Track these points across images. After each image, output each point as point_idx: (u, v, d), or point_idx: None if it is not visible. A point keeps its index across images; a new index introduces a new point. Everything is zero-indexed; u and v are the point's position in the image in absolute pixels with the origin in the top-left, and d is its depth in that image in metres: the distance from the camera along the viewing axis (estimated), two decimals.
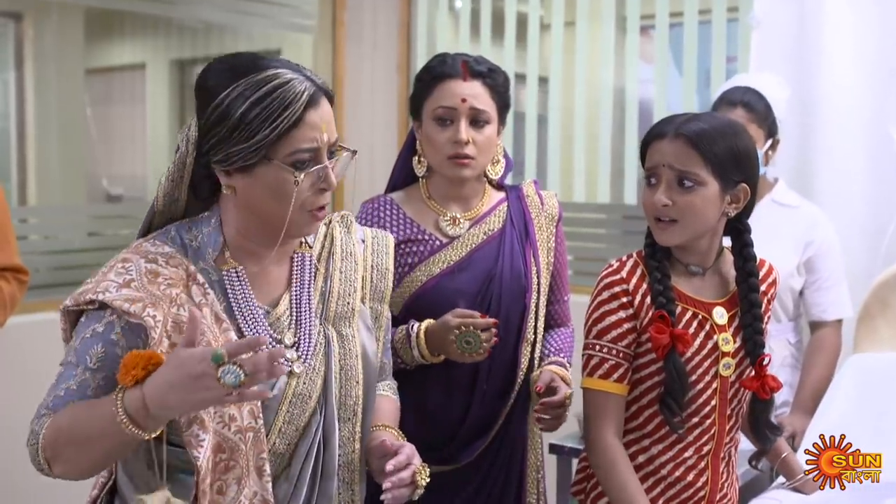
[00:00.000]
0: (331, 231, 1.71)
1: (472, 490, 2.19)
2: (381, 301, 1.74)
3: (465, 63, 2.09)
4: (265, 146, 1.50)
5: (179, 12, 4.28)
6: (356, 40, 4.42)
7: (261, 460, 1.53)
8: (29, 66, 4.33)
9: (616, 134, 3.89)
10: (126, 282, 1.51)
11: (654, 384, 1.82)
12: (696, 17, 3.60)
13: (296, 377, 1.58)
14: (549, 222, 2.22)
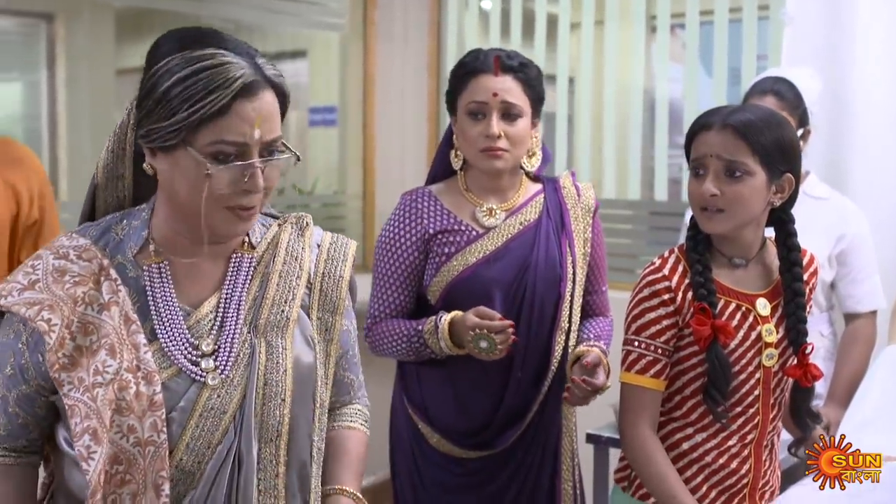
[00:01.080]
0: (280, 232, 1.61)
1: (506, 476, 2.27)
2: (333, 312, 1.60)
3: (498, 58, 2.16)
4: (184, 129, 1.40)
5: (208, 10, 4.38)
6: (387, 39, 4.51)
7: (160, 478, 1.42)
8: (60, 66, 4.43)
9: (646, 132, 3.95)
10: (31, 283, 1.46)
11: (697, 375, 1.89)
12: (727, 16, 3.65)
13: (208, 389, 1.46)
14: (586, 213, 2.30)
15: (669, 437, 1.93)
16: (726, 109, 1.87)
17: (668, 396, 1.93)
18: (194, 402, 1.45)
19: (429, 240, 2.24)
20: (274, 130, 1.44)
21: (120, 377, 1.42)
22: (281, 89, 1.46)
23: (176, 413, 1.44)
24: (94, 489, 1.40)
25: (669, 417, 1.94)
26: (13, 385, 1.47)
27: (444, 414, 2.27)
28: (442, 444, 2.27)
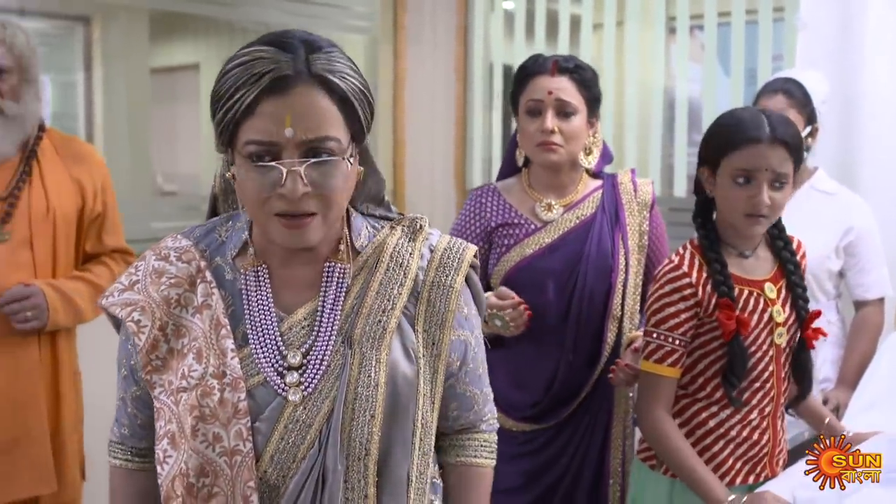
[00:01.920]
0: (386, 237, 1.51)
1: (554, 451, 2.47)
2: (441, 325, 1.49)
3: (556, 61, 2.36)
4: (225, 131, 1.36)
5: (238, 14, 4.56)
6: (416, 43, 4.67)
7: (248, 489, 1.38)
8: (97, 67, 4.58)
9: (666, 131, 4.11)
10: (131, 283, 1.47)
11: (718, 358, 2.08)
12: (744, 18, 3.79)
13: (293, 404, 1.40)
14: (642, 208, 2.48)
15: (696, 417, 2.12)
16: (768, 121, 2.01)
17: (691, 379, 2.12)
18: (279, 412, 1.40)
19: (491, 232, 2.46)
20: (315, 129, 1.34)
21: (205, 383, 1.40)
22: (335, 88, 1.35)
23: (261, 423, 1.39)
24: (167, 495, 1.40)
25: (695, 398, 2.12)
26: (128, 386, 1.50)
27: (504, 390, 2.43)
28: (500, 419, 2.42)
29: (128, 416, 1.52)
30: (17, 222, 2.51)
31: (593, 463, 2.49)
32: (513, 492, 2.48)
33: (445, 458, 1.62)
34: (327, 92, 1.35)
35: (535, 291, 2.38)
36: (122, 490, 1.56)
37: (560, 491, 2.49)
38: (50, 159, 2.61)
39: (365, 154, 1.49)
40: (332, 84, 1.35)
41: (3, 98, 2.49)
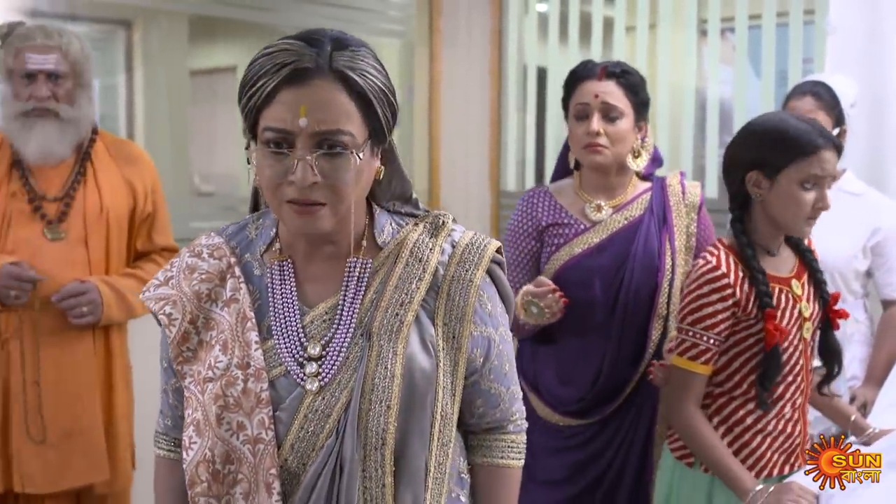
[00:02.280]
0: (408, 233, 1.55)
1: (599, 445, 2.56)
2: (461, 319, 1.51)
3: (604, 67, 2.46)
4: (248, 116, 1.42)
5: (274, 18, 4.65)
6: (451, 46, 4.76)
7: (270, 476, 1.43)
8: (137, 69, 4.71)
9: (697, 133, 4.16)
10: (166, 279, 1.54)
11: (754, 354, 2.16)
12: (774, 20, 3.85)
13: (311, 394, 1.45)
14: (690, 210, 2.57)
15: (734, 414, 2.19)
16: (816, 127, 2.14)
17: (727, 377, 2.19)
18: (299, 402, 1.45)
19: (542, 231, 2.56)
20: (329, 122, 1.38)
21: (229, 373, 1.46)
22: (353, 84, 1.40)
23: (282, 412, 1.45)
24: (191, 480, 1.47)
25: (731, 396, 2.20)
26: (168, 378, 1.57)
27: (551, 385, 2.58)
28: (547, 413, 2.57)
29: (169, 408, 1.60)
30: (72, 222, 2.66)
31: (637, 458, 2.56)
32: (557, 483, 2.58)
33: (473, 458, 1.64)
34: (346, 88, 1.39)
35: (583, 289, 2.48)
36: (164, 479, 1.63)
37: (604, 485, 2.57)
38: (103, 161, 2.75)
39: (390, 154, 1.53)
40: (352, 81, 1.39)
41: (59, 102, 2.64)
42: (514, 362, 1.63)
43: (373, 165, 1.47)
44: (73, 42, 2.67)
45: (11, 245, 2.62)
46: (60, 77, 2.64)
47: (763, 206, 2.17)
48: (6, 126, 2.67)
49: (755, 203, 2.18)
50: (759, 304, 2.13)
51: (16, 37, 2.64)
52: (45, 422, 2.62)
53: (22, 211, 2.64)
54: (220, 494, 1.47)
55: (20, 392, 2.61)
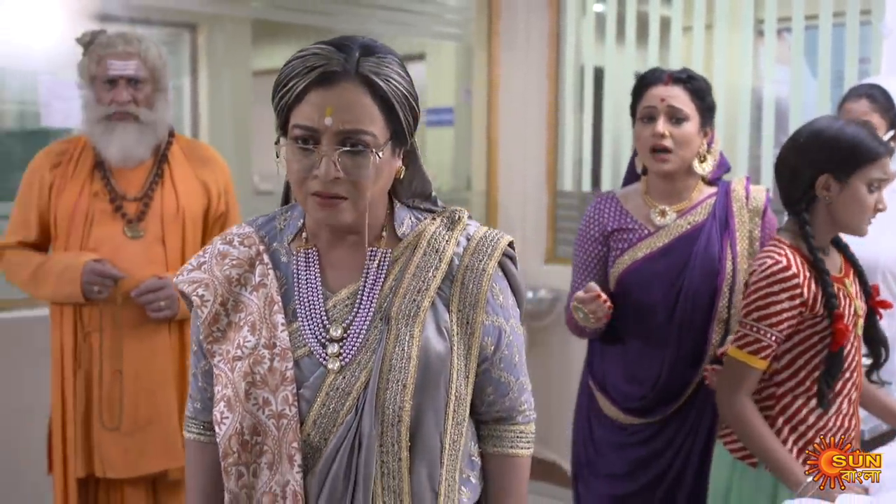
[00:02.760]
0: (426, 226, 1.65)
1: (660, 444, 2.65)
2: (475, 306, 1.61)
3: (670, 73, 2.55)
4: (280, 114, 1.54)
5: (333, 22, 4.79)
6: (509, 49, 4.87)
7: (292, 449, 1.54)
8: (202, 71, 4.91)
9: (753, 133, 4.22)
10: (199, 264, 1.65)
11: (817, 352, 2.24)
12: (831, 20, 3.91)
13: (333, 373, 1.55)
14: (754, 215, 2.62)
15: (798, 413, 2.26)
16: (870, 132, 2.26)
17: (790, 375, 2.27)
18: (321, 381, 1.55)
19: (608, 235, 2.65)
20: (352, 122, 1.48)
21: (257, 352, 1.57)
22: (377, 88, 1.50)
23: (305, 390, 1.55)
24: (224, 452, 1.58)
25: (795, 394, 2.27)
26: (197, 361, 1.68)
27: (617, 384, 2.68)
28: (612, 411, 2.69)
29: (199, 391, 1.70)
30: (150, 221, 2.81)
31: (697, 459, 2.62)
32: (618, 478, 2.69)
33: (484, 448, 1.73)
34: (370, 91, 1.50)
35: (645, 292, 2.57)
36: (195, 462, 1.73)
37: (664, 483, 2.64)
38: (179, 163, 2.89)
39: (412, 155, 1.65)
40: (376, 85, 1.50)
41: (139, 106, 2.78)
42: (523, 354, 1.72)
43: (393, 165, 1.58)
44: (151, 48, 2.81)
45: (94, 243, 2.77)
46: (140, 82, 2.78)
47: (829, 207, 2.25)
48: (89, 129, 2.80)
49: (818, 204, 2.26)
50: (826, 304, 2.21)
51: (98, 45, 2.79)
52: (125, 410, 2.77)
53: (104, 210, 2.78)
54: (249, 462, 1.58)
55: (102, 381, 2.76)
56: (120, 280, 2.73)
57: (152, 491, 2.90)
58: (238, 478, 1.59)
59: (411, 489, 1.56)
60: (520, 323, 1.70)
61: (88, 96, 2.82)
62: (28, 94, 4.31)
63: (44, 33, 4.01)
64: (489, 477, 1.72)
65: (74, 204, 2.78)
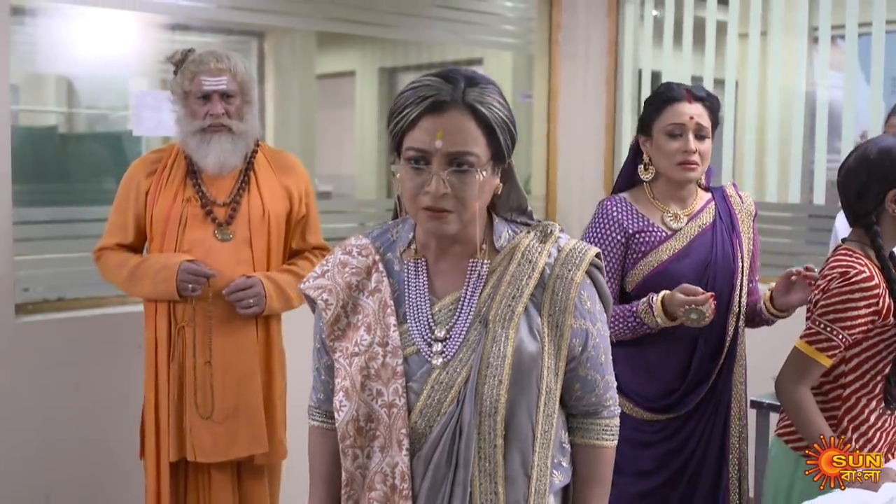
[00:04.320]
0: (521, 238, 1.83)
1: (685, 436, 2.83)
2: (564, 311, 1.79)
3: (688, 90, 2.75)
4: (395, 137, 1.73)
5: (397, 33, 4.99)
6: (569, 59, 5.05)
7: (401, 434, 1.74)
8: (269, 77, 5.13)
9: (807, 138, 4.36)
10: (322, 272, 1.87)
11: (883, 357, 2.40)
12: (884, 27, 4.06)
13: (437, 369, 1.76)
14: (748, 217, 2.87)
15: (861, 413, 2.41)
16: None
17: (857, 377, 2.41)
18: (427, 375, 1.76)
19: (629, 237, 2.78)
20: (459, 144, 1.69)
21: (371, 350, 1.78)
22: (480, 115, 1.70)
23: (413, 383, 1.76)
24: (342, 435, 1.81)
25: (859, 396, 2.41)
26: (320, 357, 1.91)
27: (636, 383, 2.83)
28: (634, 410, 2.83)
29: (322, 383, 1.93)
30: (238, 224, 3.05)
31: (717, 444, 2.82)
32: (647, 474, 2.84)
33: (573, 439, 1.92)
34: (475, 117, 1.70)
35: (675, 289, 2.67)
36: (318, 447, 1.96)
37: (689, 471, 2.82)
38: (264, 169, 3.14)
39: (509, 172, 1.83)
40: (480, 112, 1.70)
41: (231, 118, 3.02)
42: (609, 354, 1.91)
43: (493, 182, 1.77)
44: (238, 64, 3.05)
45: (187, 245, 3.01)
46: (231, 96, 3.02)
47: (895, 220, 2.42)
48: (185, 141, 3.05)
49: (885, 217, 2.42)
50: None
51: (190, 62, 3.03)
52: (215, 399, 3.01)
53: (195, 215, 3.02)
54: (363, 446, 1.80)
55: (194, 372, 3.01)
56: (211, 279, 2.97)
57: (237, 475, 3.15)
58: (354, 459, 1.81)
59: (505, 473, 1.75)
60: (606, 326, 1.89)
61: (182, 111, 3.06)
62: (117, 100, 4.62)
63: (127, 42, 4.26)
64: (577, 465, 1.92)
65: (169, 209, 3.02)
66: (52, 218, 3.84)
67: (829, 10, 4.28)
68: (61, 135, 4.68)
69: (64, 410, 3.60)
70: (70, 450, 3.62)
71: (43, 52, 4.13)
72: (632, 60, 4.99)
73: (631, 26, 4.98)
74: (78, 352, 3.62)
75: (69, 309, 3.73)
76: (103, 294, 3.72)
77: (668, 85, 2.84)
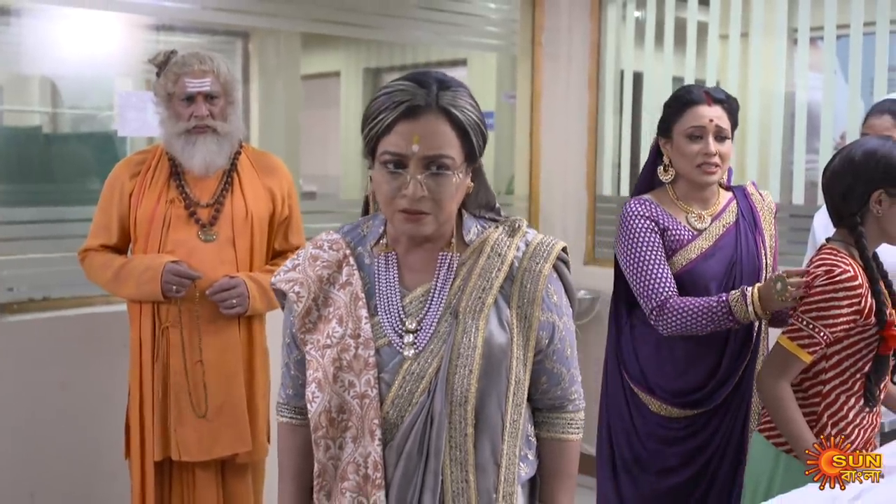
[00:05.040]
0: (490, 233, 1.88)
1: (710, 431, 2.88)
2: (532, 303, 1.84)
3: (707, 92, 2.79)
4: (370, 142, 1.76)
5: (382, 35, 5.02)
6: (552, 59, 5.11)
7: (373, 425, 1.78)
8: (254, 78, 5.10)
9: (786, 138, 4.41)
10: (294, 266, 1.90)
11: (863, 356, 2.45)
12: (861, 29, 4.11)
13: (409, 360, 1.79)
14: (769, 215, 2.92)
15: (840, 410, 2.46)
16: None
17: (837, 374, 2.46)
18: (399, 366, 1.80)
19: (662, 231, 2.81)
20: (435, 148, 1.72)
21: (343, 342, 1.82)
22: (454, 118, 1.73)
23: (385, 374, 1.80)
24: (315, 426, 1.84)
25: (839, 392, 2.47)
26: (290, 352, 1.94)
27: (665, 381, 2.87)
28: (662, 408, 2.88)
29: (291, 379, 1.96)
30: (221, 225, 3.08)
31: (736, 440, 2.87)
32: (672, 471, 2.90)
33: (539, 433, 1.97)
34: (449, 121, 1.74)
35: (699, 292, 2.77)
36: (287, 442, 2.00)
37: (710, 467, 2.87)
38: (247, 171, 3.17)
39: (478, 172, 1.88)
40: (454, 116, 1.74)
41: (216, 119, 3.05)
42: (575, 349, 1.95)
43: (466, 182, 1.83)
44: (221, 65, 3.08)
45: (171, 245, 3.04)
46: (215, 97, 3.05)
47: (879, 220, 2.48)
48: (169, 143, 3.07)
49: (869, 218, 2.48)
50: (878, 313, 2.42)
51: (173, 64, 3.05)
52: (209, 398, 3.04)
53: (179, 216, 3.05)
54: (336, 437, 1.83)
55: (182, 372, 3.04)
56: (196, 279, 3.00)
57: (221, 474, 3.18)
58: (326, 450, 1.85)
59: (476, 461, 1.80)
60: (571, 321, 1.95)
61: (165, 112, 3.09)
62: (101, 100, 4.61)
63: (112, 43, 4.26)
64: (544, 458, 1.97)
65: (153, 210, 3.05)
66: (36, 218, 3.86)
67: (808, 12, 4.33)
68: (45, 135, 4.67)
69: (50, 409, 3.63)
70: (56, 448, 3.64)
71: (27, 53, 4.12)
72: (614, 61, 5.04)
73: (613, 27, 5.02)
74: (63, 351, 3.65)
75: (54, 308, 3.75)
76: (88, 293, 3.75)
77: (687, 88, 2.88)
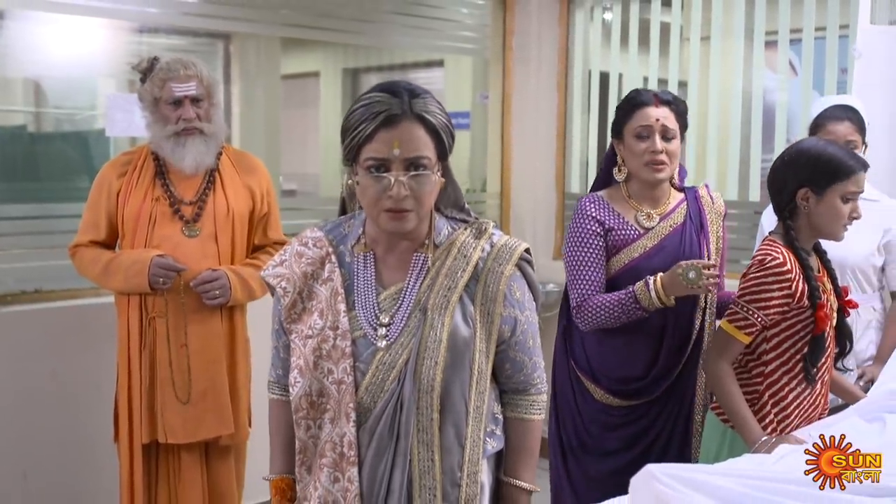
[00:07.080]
0: (458, 235, 2.01)
1: (650, 419, 3.02)
2: (494, 301, 1.98)
3: (656, 95, 2.91)
4: (352, 150, 1.89)
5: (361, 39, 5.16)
6: (522, 63, 5.24)
7: (349, 408, 1.93)
8: (235, 78, 5.22)
9: (743, 135, 4.57)
10: (280, 261, 2.04)
11: (801, 338, 2.59)
12: (813, 33, 4.29)
13: (381, 350, 1.94)
14: (718, 217, 3.03)
15: (781, 391, 2.60)
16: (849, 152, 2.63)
17: (776, 356, 2.59)
18: (373, 356, 1.95)
19: (605, 233, 2.91)
20: (414, 150, 1.87)
21: (323, 333, 1.97)
22: (428, 122, 1.88)
23: (360, 363, 1.95)
24: (296, 408, 2.00)
25: (779, 373, 2.60)
26: (278, 337, 2.11)
27: (606, 371, 3.00)
28: (605, 397, 3.01)
29: (280, 360, 2.13)
30: (204, 221, 3.24)
31: (682, 427, 3.01)
32: (612, 454, 3.03)
33: (505, 413, 2.12)
34: (423, 125, 1.89)
35: None
36: (278, 417, 2.17)
37: (655, 449, 2.99)
38: (228, 170, 3.32)
39: (447, 169, 2.00)
40: (427, 120, 1.89)
41: (202, 121, 3.20)
42: (538, 339, 2.10)
43: (441, 179, 1.96)
44: (203, 69, 3.23)
45: (157, 241, 3.19)
46: (200, 100, 3.20)
47: (808, 216, 2.61)
48: (158, 145, 3.22)
49: (800, 213, 2.61)
50: (811, 296, 2.56)
51: (159, 70, 3.20)
52: (192, 383, 3.20)
53: (164, 213, 3.21)
54: (315, 418, 1.99)
55: (167, 359, 3.19)
56: (181, 272, 3.16)
57: (205, 455, 3.35)
58: (307, 429, 2.01)
59: (441, 443, 1.95)
60: (535, 314, 2.09)
61: (151, 116, 3.24)
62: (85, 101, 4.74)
63: (95, 44, 4.38)
64: (508, 435, 2.12)
65: (139, 207, 3.21)
66: (24, 214, 3.95)
67: (763, 18, 4.48)
68: (30, 134, 4.77)
69: (41, 396, 3.74)
70: (47, 433, 3.76)
71: (12, 55, 4.21)
72: (581, 62, 5.16)
73: (581, 29, 5.14)
74: (54, 341, 3.76)
75: (46, 300, 3.86)
76: (76, 286, 3.86)
77: (637, 91, 3.00)
